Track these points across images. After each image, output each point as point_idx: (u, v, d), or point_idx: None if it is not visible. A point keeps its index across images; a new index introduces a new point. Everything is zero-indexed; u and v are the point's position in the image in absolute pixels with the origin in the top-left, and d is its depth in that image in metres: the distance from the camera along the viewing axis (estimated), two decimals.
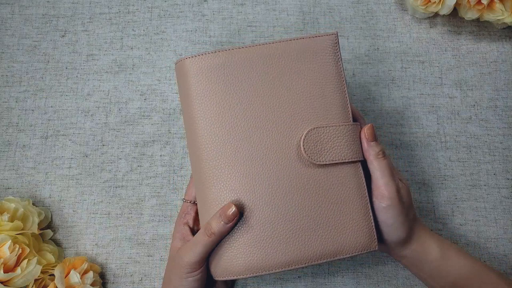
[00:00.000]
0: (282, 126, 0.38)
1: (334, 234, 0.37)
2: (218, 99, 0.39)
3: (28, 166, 0.50)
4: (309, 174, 0.38)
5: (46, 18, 0.55)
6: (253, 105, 0.39)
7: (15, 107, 0.51)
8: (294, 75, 0.39)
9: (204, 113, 0.39)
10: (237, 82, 0.39)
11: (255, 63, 0.39)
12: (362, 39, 0.54)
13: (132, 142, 0.50)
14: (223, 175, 0.38)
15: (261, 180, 0.38)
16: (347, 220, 0.38)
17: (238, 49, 0.39)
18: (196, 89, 0.39)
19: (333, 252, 0.37)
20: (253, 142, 0.38)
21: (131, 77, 0.53)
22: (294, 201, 0.37)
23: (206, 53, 0.39)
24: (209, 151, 0.38)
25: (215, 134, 0.38)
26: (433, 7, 0.51)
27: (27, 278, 0.41)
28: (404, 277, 0.46)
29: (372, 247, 0.38)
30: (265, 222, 0.37)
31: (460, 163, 0.50)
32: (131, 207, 0.48)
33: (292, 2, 0.55)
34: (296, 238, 0.37)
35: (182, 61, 0.40)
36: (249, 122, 0.38)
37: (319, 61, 0.40)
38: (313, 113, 0.39)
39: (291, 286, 0.46)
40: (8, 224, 0.42)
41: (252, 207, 0.37)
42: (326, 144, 0.38)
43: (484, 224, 0.48)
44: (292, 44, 0.40)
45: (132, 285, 0.46)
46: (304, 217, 0.37)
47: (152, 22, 0.55)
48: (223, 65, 0.39)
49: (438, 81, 0.53)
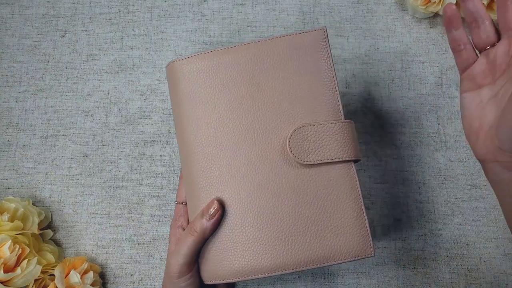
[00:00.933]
0: (269, 125, 0.37)
1: (323, 238, 0.36)
2: (205, 100, 0.38)
3: (28, 166, 0.50)
4: (297, 175, 0.37)
5: (46, 18, 0.55)
6: (240, 105, 0.38)
7: (15, 107, 0.51)
8: (281, 74, 0.38)
9: (192, 114, 0.38)
10: (224, 83, 0.38)
11: (241, 63, 0.39)
12: (362, 39, 0.54)
13: (132, 142, 0.50)
14: (210, 175, 0.37)
15: (247, 181, 0.37)
16: (339, 224, 0.36)
17: (225, 49, 0.39)
18: (184, 90, 0.39)
19: (323, 258, 0.36)
20: (239, 142, 0.37)
21: (131, 77, 0.53)
22: (281, 203, 0.36)
23: (194, 55, 0.39)
24: (196, 151, 0.38)
25: (202, 134, 0.38)
26: (433, 7, 0.51)
27: (27, 278, 0.41)
28: (404, 277, 0.46)
29: (367, 253, 0.36)
30: (250, 225, 0.36)
31: (460, 163, 0.50)
32: (131, 207, 0.48)
33: (292, 2, 0.56)
34: (283, 242, 0.36)
35: (171, 64, 0.40)
36: (235, 122, 0.38)
37: (307, 58, 0.39)
38: (301, 111, 0.38)
39: (291, 286, 0.46)
40: (8, 224, 0.42)
41: (237, 209, 0.36)
42: (314, 143, 0.37)
43: (484, 224, 0.48)
44: (279, 42, 0.39)
45: (132, 285, 0.46)
46: (291, 221, 0.36)
47: (152, 22, 0.55)
48: (210, 67, 0.39)
49: (438, 81, 0.53)
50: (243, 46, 0.39)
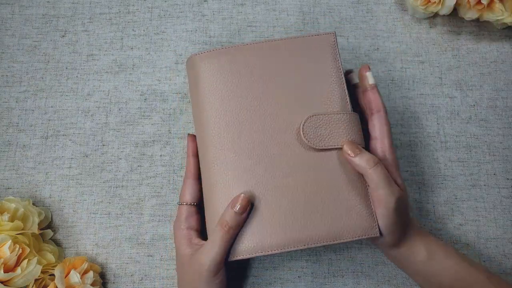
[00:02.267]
0: (284, 114, 0.41)
1: (333, 217, 0.38)
2: (224, 91, 0.42)
3: (28, 166, 0.50)
4: (309, 158, 0.40)
5: (46, 18, 0.55)
6: (257, 96, 0.42)
7: (15, 107, 0.51)
8: (295, 70, 0.42)
9: (211, 102, 0.42)
10: (242, 76, 0.42)
11: (259, 59, 0.43)
12: (362, 39, 0.54)
13: (132, 142, 0.50)
14: (227, 158, 0.40)
15: (263, 162, 0.40)
16: (347, 204, 0.39)
17: (244, 45, 0.43)
18: (204, 82, 0.42)
19: (333, 236, 0.38)
20: (256, 127, 0.41)
21: (131, 77, 0.53)
22: (294, 183, 0.39)
23: (214, 49, 0.43)
24: (214, 136, 0.41)
25: (221, 120, 0.41)
26: (433, 7, 0.51)
27: (27, 278, 0.41)
28: (404, 277, 0.46)
29: (373, 233, 0.38)
30: (265, 202, 0.39)
31: (460, 163, 0.50)
32: (131, 207, 0.48)
33: (292, 2, 0.56)
34: (296, 219, 0.38)
35: (192, 57, 0.44)
36: (253, 110, 0.41)
37: (318, 58, 0.43)
38: (313, 103, 0.42)
39: (291, 286, 0.46)
40: (8, 224, 0.42)
41: (253, 188, 0.39)
42: (325, 130, 0.40)
43: (484, 224, 0.48)
44: (292, 42, 0.43)
45: (132, 285, 0.46)
46: (304, 199, 0.39)
47: (152, 22, 0.55)
48: (229, 61, 0.43)
49: (438, 81, 0.53)
50: (260, 43, 0.43)
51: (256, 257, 0.46)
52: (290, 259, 0.47)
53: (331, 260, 0.47)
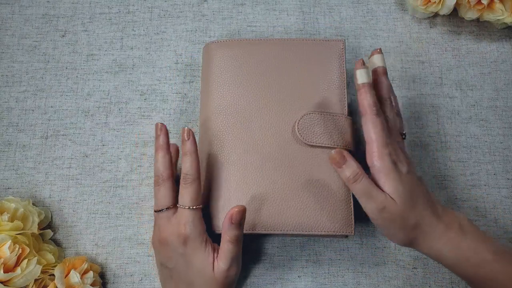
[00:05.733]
0: (283, 108, 0.44)
1: (313, 209, 0.41)
2: (232, 78, 0.45)
3: (28, 166, 0.50)
4: (300, 152, 0.43)
5: (46, 18, 0.55)
6: (261, 88, 0.45)
7: (15, 107, 0.51)
8: (301, 70, 0.45)
9: (218, 88, 0.45)
10: (250, 67, 0.45)
11: (268, 55, 0.46)
12: (362, 39, 0.54)
13: (132, 142, 0.50)
14: (227, 139, 0.43)
15: (257, 148, 0.43)
16: (328, 200, 0.42)
17: (257, 40, 0.46)
18: (214, 67, 0.46)
19: (309, 226, 0.41)
20: (255, 117, 0.44)
21: (131, 77, 0.53)
22: (282, 171, 0.42)
23: (231, 40, 0.47)
24: (217, 120, 0.44)
25: (224, 106, 0.44)
26: (433, 7, 0.51)
27: (27, 278, 0.41)
28: (404, 277, 0.46)
29: (348, 232, 0.41)
30: (253, 183, 0.42)
31: (460, 163, 0.50)
32: (131, 207, 0.48)
33: (292, 2, 0.56)
34: (278, 205, 0.41)
35: (208, 44, 0.47)
36: (255, 100, 0.44)
37: (325, 61, 0.45)
38: (312, 102, 0.44)
39: (291, 286, 0.46)
40: (8, 224, 0.42)
41: (244, 169, 0.42)
42: (319, 129, 0.42)
43: (484, 224, 0.48)
44: (303, 43, 0.46)
45: (132, 285, 0.46)
46: (289, 188, 0.42)
47: (152, 22, 0.55)
48: (241, 52, 0.46)
49: (438, 81, 0.53)
50: (271, 40, 0.46)
51: (256, 257, 0.46)
52: (290, 259, 0.47)
53: (331, 260, 0.47)
